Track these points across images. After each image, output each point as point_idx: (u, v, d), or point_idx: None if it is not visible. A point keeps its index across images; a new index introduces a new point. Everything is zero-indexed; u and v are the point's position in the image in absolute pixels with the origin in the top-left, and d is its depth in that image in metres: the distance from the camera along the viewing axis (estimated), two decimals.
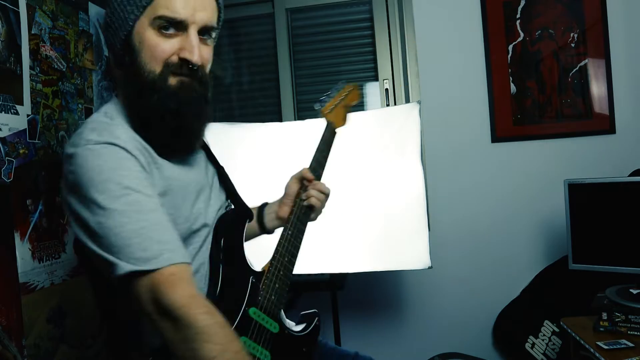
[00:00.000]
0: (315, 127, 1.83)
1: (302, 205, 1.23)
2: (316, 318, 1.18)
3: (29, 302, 1.62)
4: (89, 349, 1.94)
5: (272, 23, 2.55)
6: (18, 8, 1.66)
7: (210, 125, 1.91)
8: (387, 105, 2.41)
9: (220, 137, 1.90)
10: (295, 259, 1.17)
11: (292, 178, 1.28)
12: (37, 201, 1.70)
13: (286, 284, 1.11)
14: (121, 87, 1.01)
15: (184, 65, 0.93)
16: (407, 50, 2.36)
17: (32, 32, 1.73)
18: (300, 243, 1.19)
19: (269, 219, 1.31)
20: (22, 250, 1.61)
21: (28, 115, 1.69)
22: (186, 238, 0.98)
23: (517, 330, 2.15)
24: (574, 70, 2.21)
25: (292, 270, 1.14)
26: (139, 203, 0.84)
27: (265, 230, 1.32)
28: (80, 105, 2.01)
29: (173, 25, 0.92)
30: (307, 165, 1.29)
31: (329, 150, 1.34)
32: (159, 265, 0.82)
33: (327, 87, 2.64)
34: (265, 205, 1.34)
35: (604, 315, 1.64)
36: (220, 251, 1.06)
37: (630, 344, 1.53)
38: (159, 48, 0.91)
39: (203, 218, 1.05)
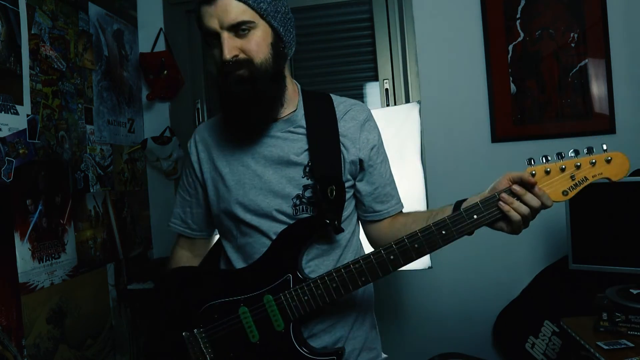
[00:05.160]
0: None
1: (485, 209, 0.96)
2: (336, 356, 1.07)
3: (29, 302, 1.62)
4: (89, 349, 1.94)
5: None
6: (18, 8, 1.66)
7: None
8: (387, 105, 2.41)
9: None
10: (365, 283, 1.01)
11: (505, 175, 1.02)
12: (37, 201, 1.70)
13: (328, 297, 1.01)
14: None
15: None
16: (407, 50, 2.36)
17: (32, 32, 1.73)
18: (401, 264, 1.01)
19: None
20: (22, 250, 1.61)
21: (28, 115, 1.69)
22: None
23: (517, 330, 2.15)
24: (574, 70, 2.21)
25: (346, 291, 1.01)
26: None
27: None
28: (80, 105, 2.01)
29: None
30: None
31: None
32: None
33: (327, 87, 2.66)
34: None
35: (604, 315, 1.64)
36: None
37: (630, 344, 1.53)
38: None
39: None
